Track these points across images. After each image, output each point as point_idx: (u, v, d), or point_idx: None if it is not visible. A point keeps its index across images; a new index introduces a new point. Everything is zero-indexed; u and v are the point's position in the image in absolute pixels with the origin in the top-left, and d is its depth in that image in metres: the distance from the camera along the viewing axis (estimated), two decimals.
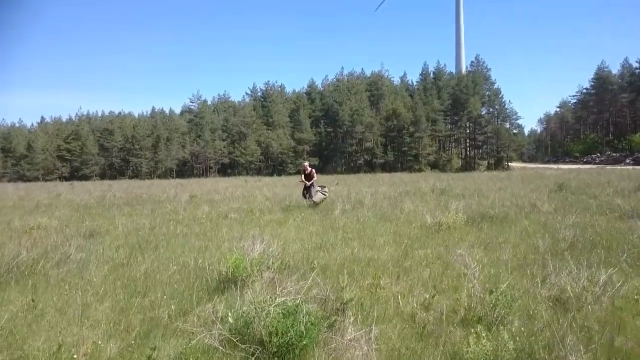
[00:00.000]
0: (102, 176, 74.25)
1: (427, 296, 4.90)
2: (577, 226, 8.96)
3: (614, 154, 77.72)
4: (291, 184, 32.35)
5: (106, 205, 18.36)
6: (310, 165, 16.62)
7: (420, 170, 60.39)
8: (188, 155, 75.25)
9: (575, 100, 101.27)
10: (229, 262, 5.64)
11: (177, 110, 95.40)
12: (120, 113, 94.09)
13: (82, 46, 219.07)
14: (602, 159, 77.66)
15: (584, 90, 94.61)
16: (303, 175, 16.06)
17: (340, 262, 6.92)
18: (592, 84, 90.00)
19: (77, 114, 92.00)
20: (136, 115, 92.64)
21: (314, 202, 15.30)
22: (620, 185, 19.21)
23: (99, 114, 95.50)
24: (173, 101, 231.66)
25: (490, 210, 11.02)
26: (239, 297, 4.63)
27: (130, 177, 72.07)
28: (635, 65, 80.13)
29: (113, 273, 6.62)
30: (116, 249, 8.67)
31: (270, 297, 4.10)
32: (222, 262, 6.88)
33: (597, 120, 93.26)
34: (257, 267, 5.68)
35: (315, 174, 16.08)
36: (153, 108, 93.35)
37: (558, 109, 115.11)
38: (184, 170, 76.33)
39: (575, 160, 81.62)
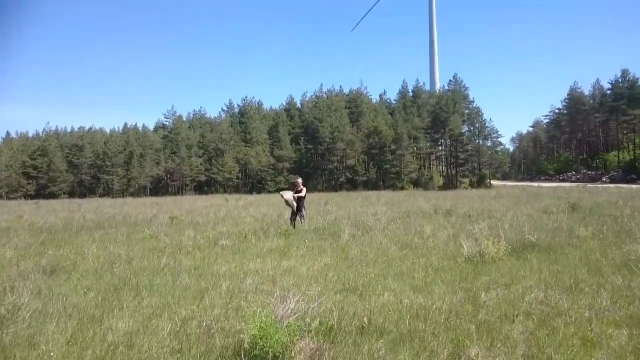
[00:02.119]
0: (71, 194, 70.52)
1: None
2: None
3: (590, 172, 78.68)
4: (276, 203, 30.53)
5: (74, 228, 16.18)
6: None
7: (402, 188, 59.27)
8: (163, 172, 72.37)
9: (547, 120, 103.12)
10: (252, 326, 3.88)
11: (151, 126, 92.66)
12: (90, 129, 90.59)
13: (50, 59, 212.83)
14: (578, 177, 78.54)
15: (557, 110, 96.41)
16: (294, 191, 14.30)
17: (390, 314, 5.22)
18: (565, 104, 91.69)
19: (44, 129, 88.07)
20: (107, 131, 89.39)
21: (290, 207, 13.81)
22: (633, 204, 18.18)
23: (68, 130, 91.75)
24: (146, 117, 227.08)
25: (530, 237, 9.51)
26: None
27: (101, 195, 68.63)
28: (606, 86, 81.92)
29: (80, 336, 4.75)
30: (84, 292, 6.76)
31: None
32: (233, 318, 5.13)
33: (570, 140, 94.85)
34: (295, 334, 3.91)
35: (304, 192, 14.38)
36: (125, 124, 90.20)
37: (531, 129, 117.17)
38: (159, 187, 73.31)
39: (550, 179, 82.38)
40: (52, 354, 4.18)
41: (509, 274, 7.06)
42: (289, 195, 13.81)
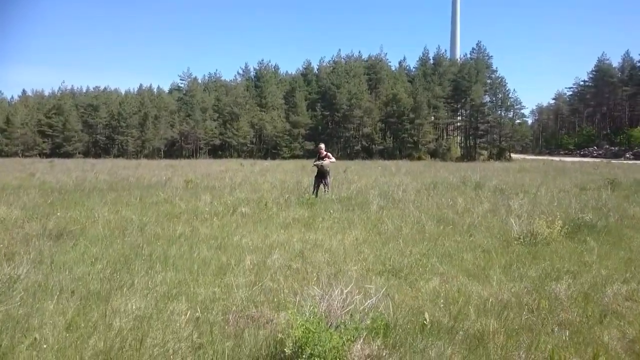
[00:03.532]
0: (86, 154, 70.46)
1: None
2: None
3: (613, 148, 76.36)
4: (292, 169, 29.74)
5: (86, 189, 15.56)
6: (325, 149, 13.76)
7: (420, 158, 57.93)
8: (177, 135, 71.71)
9: (571, 93, 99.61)
10: (294, 327, 3.04)
11: (166, 89, 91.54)
12: (105, 89, 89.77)
13: (66, 22, 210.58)
14: (600, 152, 76.33)
15: (582, 83, 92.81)
16: (317, 159, 13.29)
17: (448, 306, 4.39)
18: (592, 76, 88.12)
19: (60, 88, 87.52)
20: (122, 92, 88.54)
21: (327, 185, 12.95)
22: None
23: (84, 89, 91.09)
24: (161, 79, 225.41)
25: (584, 217, 8.54)
26: None
27: (116, 156, 68.42)
28: (637, 58, 78.41)
29: (81, 321, 4.00)
30: (92, 263, 6.04)
31: None
32: (262, 304, 4.34)
33: (593, 113, 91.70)
34: (350, 338, 3.07)
35: (333, 157, 13.40)
36: (140, 85, 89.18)
37: (553, 101, 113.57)
38: (173, 150, 72.86)
39: (570, 153, 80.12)
40: (45, 345, 3.42)
41: (571, 260, 6.16)
42: (325, 162, 12.84)
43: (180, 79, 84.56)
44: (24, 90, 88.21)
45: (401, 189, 14.56)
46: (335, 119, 67.73)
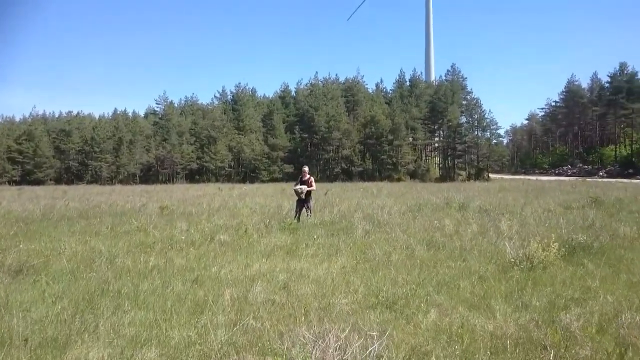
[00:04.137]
0: (58, 180, 68.35)
1: None
2: None
3: (586, 167, 78.12)
4: (272, 193, 29.18)
5: (54, 218, 14.72)
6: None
7: (399, 179, 58.01)
8: (153, 159, 70.35)
9: (543, 113, 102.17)
10: None
11: (142, 113, 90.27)
12: (78, 114, 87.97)
13: (39, 43, 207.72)
14: (574, 171, 77.97)
15: (553, 103, 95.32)
16: (299, 182, 12.86)
17: (453, 344, 3.94)
18: (562, 97, 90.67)
19: (31, 113, 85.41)
20: (96, 117, 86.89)
21: (308, 209, 12.52)
22: None
23: (56, 115, 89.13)
24: (137, 103, 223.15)
25: (578, 238, 8.27)
26: None
27: (89, 182, 66.52)
28: (605, 79, 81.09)
29: None
30: (53, 302, 5.41)
31: None
32: (244, 348, 3.82)
33: (566, 133, 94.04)
34: None
35: (314, 184, 12.95)
36: (115, 109, 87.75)
37: (526, 121, 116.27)
38: (149, 175, 71.35)
39: (545, 172, 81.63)
40: None
41: (573, 286, 5.81)
42: (303, 187, 12.40)
43: (156, 103, 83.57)
44: None
45: (385, 212, 14.19)
46: (314, 141, 67.62)
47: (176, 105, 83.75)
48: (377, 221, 12.06)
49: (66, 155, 71.30)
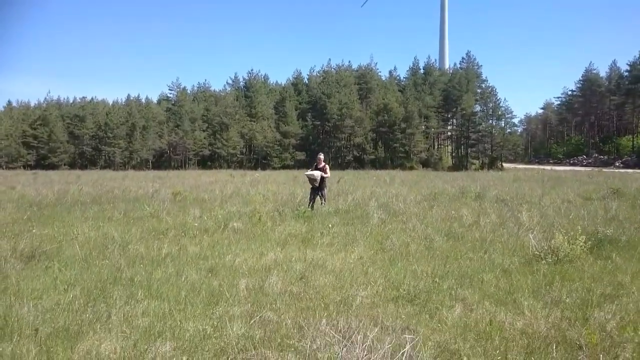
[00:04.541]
0: (72, 165, 69.01)
1: None
2: None
3: (602, 157, 76.79)
4: (284, 180, 29.03)
5: (67, 203, 14.71)
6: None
7: (411, 168, 57.53)
8: (166, 145, 70.62)
9: (559, 102, 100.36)
10: None
11: (154, 99, 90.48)
12: (92, 99, 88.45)
13: (52, 29, 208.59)
14: (590, 161, 76.69)
15: (570, 92, 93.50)
16: (313, 169, 12.58)
17: (482, 342, 3.73)
18: (579, 85, 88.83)
19: (45, 98, 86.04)
20: (110, 103, 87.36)
21: (323, 196, 12.32)
22: None
23: (70, 100, 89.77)
24: (150, 89, 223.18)
25: (605, 230, 7.96)
26: None
27: (103, 168, 67.09)
28: (624, 68, 79.22)
29: None
30: (65, 290, 5.29)
31: None
32: (262, 342, 3.65)
33: (581, 123, 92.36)
34: None
35: (328, 171, 12.67)
36: (128, 96, 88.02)
37: (541, 110, 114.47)
38: (161, 161, 71.73)
39: (559, 162, 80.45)
40: None
41: (604, 281, 5.55)
42: (315, 172, 12.18)
43: (169, 89, 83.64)
44: (9, 101, 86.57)
45: (400, 200, 13.94)
46: (326, 128, 67.26)
47: (189, 92, 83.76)
48: (393, 210, 11.82)
49: (80, 140, 71.86)
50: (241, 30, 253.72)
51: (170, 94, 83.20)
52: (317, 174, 12.15)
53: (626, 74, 77.51)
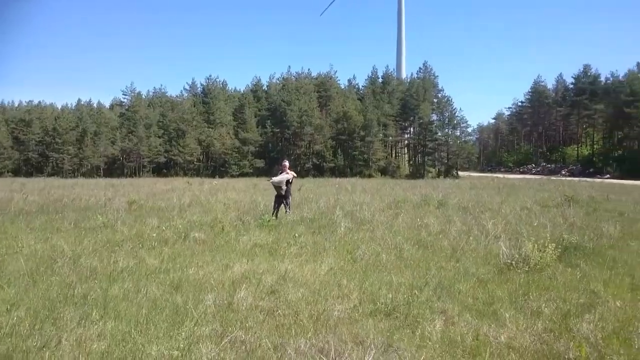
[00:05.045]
0: (16, 172, 65.16)
1: None
2: None
3: (549, 166, 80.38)
4: (244, 188, 28.42)
5: (11, 212, 13.69)
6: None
7: (370, 176, 57.98)
8: (118, 152, 68.01)
9: (509, 113, 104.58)
10: None
11: (107, 104, 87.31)
12: (40, 103, 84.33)
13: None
14: (538, 169, 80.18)
15: (520, 103, 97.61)
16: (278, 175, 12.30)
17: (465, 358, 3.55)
18: (528, 97, 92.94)
19: None
20: (59, 107, 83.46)
21: (287, 204, 12.01)
22: (626, 198, 17.39)
23: (15, 104, 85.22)
24: (102, 94, 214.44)
25: (569, 237, 8.08)
26: None
27: (50, 175, 63.65)
28: (569, 81, 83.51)
29: None
30: (7, 310, 4.73)
31: None
32: None
33: (530, 133, 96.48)
34: None
35: (292, 178, 12.38)
36: (79, 100, 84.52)
37: (493, 120, 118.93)
38: (114, 168, 68.93)
39: (510, 170, 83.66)
40: None
41: (577, 289, 5.53)
42: (281, 177, 11.88)
43: (123, 94, 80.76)
44: None
45: (365, 209, 13.82)
46: (286, 136, 66.88)
47: (144, 97, 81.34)
48: (359, 218, 11.66)
49: (25, 146, 68.14)
50: (199, 35, 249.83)
51: (124, 98, 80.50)
52: (284, 177, 11.86)
53: (571, 86, 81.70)
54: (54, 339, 4.00)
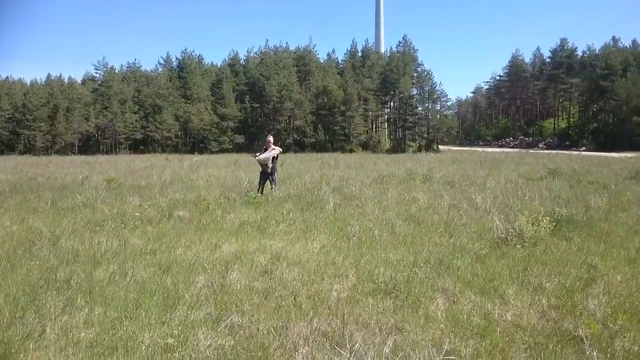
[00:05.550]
0: None
1: None
2: None
3: (527, 139, 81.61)
4: (225, 164, 27.93)
5: None
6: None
7: (351, 150, 57.85)
8: (93, 129, 66.04)
9: (488, 87, 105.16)
10: None
11: (79, 79, 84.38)
12: (7, 78, 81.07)
13: None
14: (516, 143, 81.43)
15: (498, 77, 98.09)
16: (263, 151, 12.05)
17: (481, 343, 3.42)
18: (506, 71, 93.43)
19: None
20: (28, 83, 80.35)
21: (273, 180, 11.79)
22: (606, 170, 17.64)
23: None
24: (73, 69, 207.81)
25: (560, 210, 8.05)
26: None
27: (22, 153, 61.65)
28: (546, 54, 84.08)
29: None
30: None
31: None
32: (231, 351, 3.11)
33: (508, 106, 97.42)
34: None
35: (277, 154, 12.11)
36: (48, 75, 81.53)
37: (472, 94, 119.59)
38: (88, 145, 67.01)
39: (488, 144, 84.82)
40: None
41: (575, 263, 5.48)
42: (267, 154, 11.61)
43: (95, 69, 77.99)
44: None
45: (352, 184, 13.66)
46: (265, 111, 65.91)
47: (117, 72, 78.73)
48: (347, 194, 11.49)
49: None
50: (173, 7, 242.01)
51: (97, 73, 77.80)
52: (270, 154, 11.59)
53: (548, 60, 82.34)
54: (38, 328, 3.73)
